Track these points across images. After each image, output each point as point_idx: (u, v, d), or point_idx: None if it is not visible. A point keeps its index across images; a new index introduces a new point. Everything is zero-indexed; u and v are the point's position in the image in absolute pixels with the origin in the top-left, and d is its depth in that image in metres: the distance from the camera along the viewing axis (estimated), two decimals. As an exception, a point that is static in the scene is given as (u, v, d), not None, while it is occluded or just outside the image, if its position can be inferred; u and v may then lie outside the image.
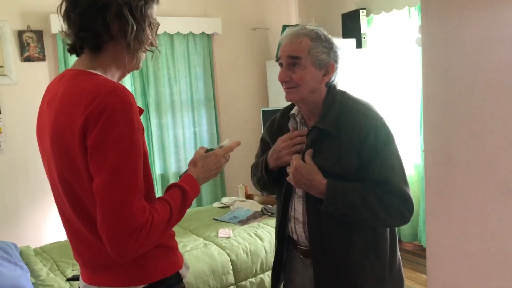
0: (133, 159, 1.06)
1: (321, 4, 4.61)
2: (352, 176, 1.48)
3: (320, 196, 1.48)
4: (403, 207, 1.46)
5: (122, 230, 1.03)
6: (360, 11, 4.05)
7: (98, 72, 1.16)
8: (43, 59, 3.67)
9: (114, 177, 1.03)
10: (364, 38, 4.09)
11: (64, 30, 1.20)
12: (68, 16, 1.16)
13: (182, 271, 1.29)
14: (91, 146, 1.04)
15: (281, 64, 1.56)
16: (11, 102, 3.57)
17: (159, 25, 1.24)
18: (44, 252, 3.00)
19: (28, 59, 3.60)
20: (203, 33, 4.35)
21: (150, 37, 1.21)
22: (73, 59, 3.66)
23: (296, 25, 1.61)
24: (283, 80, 1.54)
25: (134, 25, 1.14)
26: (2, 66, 3.50)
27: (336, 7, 4.38)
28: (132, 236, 1.04)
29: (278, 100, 4.44)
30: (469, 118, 0.85)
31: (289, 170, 1.53)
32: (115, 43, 1.16)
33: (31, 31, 3.60)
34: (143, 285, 1.20)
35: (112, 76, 1.20)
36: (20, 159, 3.61)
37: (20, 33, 3.56)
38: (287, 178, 1.55)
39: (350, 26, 4.14)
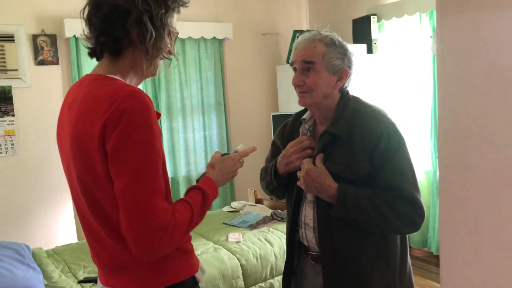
0: (153, 161, 1.08)
1: (332, 10, 4.61)
2: (363, 181, 1.48)
3: (331, 200, 1.49)
4: (413, 214, 1.46)
5: (146, 231, 1.06)
6: (371, 16, 4.05)
7: (117, 77, 1.19)
8: (57, 63, 3.71)
9: (136, 180, 1.05)
10: (375, 43, 4.09)
11: (85, 33, 1.22)
12: (90, 20, 1.19)
13: (197, 275, 1.30)
14: (111, 150, 1.06)
15: (295, 69, 1.57)
16: (25, 105, 3.61)
17: (178, 34, 1.27)
18: (56, 254, 3.02)
19: (42, 62, 3.65)
20: (214, 38, 4.38)
21: (169, 45, 1.23)
22: (85, 63, 3.73)
23: (311, 30, 1.62)
24: (296, 85, 1.55)
25: (153, 32, 1.16)
26: (16, 70, 3.55)
27: (347, 13, 4.39)
28: (157, 236, 1.06)
29: (289, 105, 4.45)
30: (484, 125, 0.85)
31: (300, 174, 1.53)
32: (134, 49, 1.19)
33: (45, 35, 3.65)
34: None
35: (130, 81, 1.23)
36: (33, 161, 3.65)
37: (34, 37, 3.61)
38: (298, 183, 1.55)
39: (361, 31, 4.14)
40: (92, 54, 1.24)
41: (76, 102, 1.17)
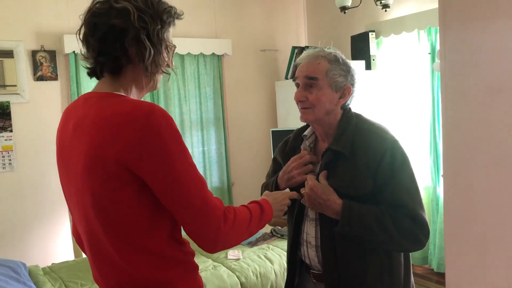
0: (191, 162, 1.14)
1: (331, 26, 4.65)
2: (367, 198, 1.47)
3: (335, 217, 1.47)
4: (419, 232, 1.45)
5: (212, 223, 1.14)
6: (370, 33, 4.08)
7: (122, 93, 1.19)
8: (56, 79, 3.72)
9: (187, 187, 1.11)
10: (374, 60, 4.11)
11: (83, 53, 1.22)
12: (87, 41, 1.19)
13: None
14: (150, 170, 1.09)
15: (297, 84, 1.56)
16: (23, 121, 3.60)
17: (175, 47, 1.27)
18: (52, 271, 2.98)
19: (41, 78, 3.65)
20: (213, 54, 4.40)
21: (167, 59, 1.24)
22: (84, 79, 3.74)
23: (314, 47, 1.62)
24: (299, 100, 1.55)
25: (151, 49, 1.16)
26: (15, 85, 3.55)
27: (345, 29, 4.42)
28: (221, 222, 1.15)
29: (288, 120, 4.45)
30: (489, 143, 0.84)
31: (303, 191, 1.52)
32: (134, 66, 1.19)
33: (44, 51, 3.65)
34: None
35: (133, 96, 1.23)
36: (31, 177, 3.63)
37: (33, 53, 3.61)
38: (302, 200, 1.54)
39: (360, 48, 4.16)
40: (91, 73, 1.23)
41: (86, 121, 1.15)
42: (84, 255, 3.61)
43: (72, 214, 1.27)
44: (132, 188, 1.10)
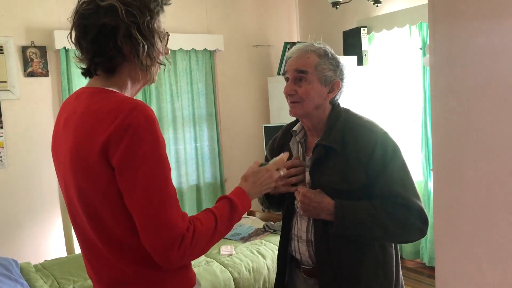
0: (163, 171, 1.08)
1: (322, 22, 4.65)
2: (360, 192, 1.48)
3: (330, 218, 1.48)
4: (416, 220, 1.45)
5: (164, 241, 1.07)
6: (361, 29, 4.09)
7: (115, 89, 1.18)
8: (46, 75, 3.69)
9: (148, 192, 1.06)
10: (365, 55, 4.12)
11: (77, 55, 1.21)
12: (80, 44, 1.17)
13: None
14: (118, 165, 1.06)
15: (287, 78, 1.57)
16: (14, 117, 3.57)
17: (168, 35, 1.25)
18: (44, 268, 2.97)
19: (31, 74, 3.62)
20: (205, 49, 4.38)
21: (161, 49, 1.23)
22: (75, 74, 3.71)
23: (303, 42, 1.63)
24: (288, 94, 1.55)
25: (144, 43, 1.15)
26: (5, 81, 3.51)
27: (337, 25, 4.42)
28: (175, 244, 1.07)
29: (280, 116, 4.45)
30: (478, 138, 0.85)
31: (297, 203, 1.53)
32: (129, 62, 1.18)
33: (35, 46, 3.62)
34: None
35: (128, 91, 1.22)
36: (22, 174, 3.60)
37: (24, 49, 3.58)
38: (298, 210, 1.55)
39: (351, 43, 4.17)
40: (86, 74, 1.22)
41: (74, 116, 1.15)
42: (76, 252, 3.60)
43: (67, 208, 1.27)
44: (116, 186, 1.09)
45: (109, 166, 1.07)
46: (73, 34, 1.19)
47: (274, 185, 1.42)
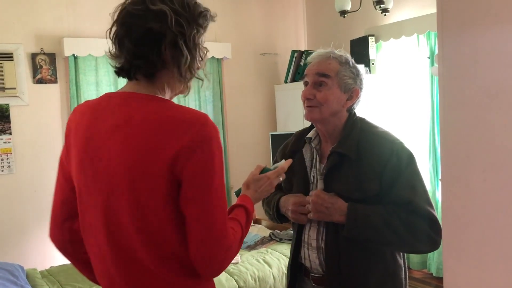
0: (223, 183, 1.13)
1: (330, 30, 4.65)
2: (372, 201, 1.46)
3: (342, 220, 1.46)
4: (429, 230, 1.42)
5: (220, 250, 1.10)
6: (369, 37, 4.09)
7: (160, 96, 1.17)
8: (55, 81, 3.72)
9: (215, 204, 1.09)
10: (373, 64, 4.11)
11: (111, 52, 1.17)
12: (121, 42, 1.13)
13: None
14: (190, 175, 1.07)
15: (306, 83, 1.57)
16: (22, 123, 3.60)
17: (208, 51, 1.24)
18: (50, 275, 2.98)
19: (40, 81, 3.65)
20: (213, 57, 4.40)
21: (200, 64, 1.21)
22: (84, 81, 3.73)
23: (306, 51, 1.63)
24: (306, 97, 1.54)
25: (188, 55, 1.14)
26: (14, 88, 3.55)
27: (345, 33, 4.42)
28: (228, 254, 1.12)
29: (287, 124, 4.44)
30: (487, 148, 0.84)
31: (308, 207, 1.51)
32: (168, 70, 1.15)
33: (44, 53, 3.66)
34: None
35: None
36: (29, 180, 3.62)
37: (33, 56, 3.62)
38: (308, 215, 1.52)
39: (359, 52, 4.17)
40: (120, 73, 1.18)
41: (131, 122, 1.11)
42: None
43: (83, 214, 1.20)
44: (175, 197, 1.09)
45: (174, 178, 1.07)
46: (113, 29, 1.15)
47: (272, 191, 1.43)
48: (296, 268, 1.65)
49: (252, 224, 3.80)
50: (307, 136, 1.65)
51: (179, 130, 1.06)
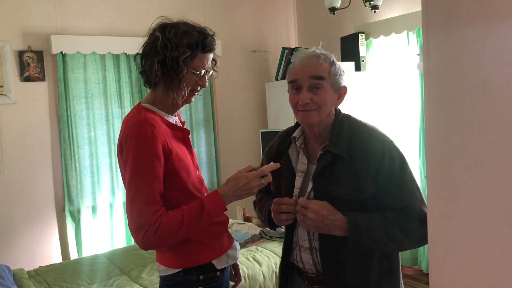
0: (143, 174, 1.40)
1: (320, 27, 4.65)
2: (369, 202, 1.44)
3: (343, 234, 1.43)
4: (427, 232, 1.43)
5: (132, 225, 1.40)
6: (359, 34, 4.09)
7: (149, 105, 1.54)
8: (43, 79, 3.67)
9: (129, 185, 1.41)
10: (363, 61, 4.11)
11: None
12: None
13: (217, 261, 1.56)
14: (124, 160, 1.44)
15: (296, 87, 1.50)
16: (10, 122, 3.55)
17: (207, 72, 1.56)
18: (38, 275, 2.94)
19: (27, 79, 3.61)
20: (203, 54, 4.37)
21: (193, 81, 1.52)
22: (72, 79, 3.71)
23: (305, 48, 1.60)
24: (305, 103, 1.47)
25: (171, 74, 1.47)
26: (1, 86, 3.50)
27: (335, 31, 4.42)
28: (140, 231, 1.37)
29: (277, 121, 4.44)
30: (471, 144, 0.84)
31: (298, 216, 1.48)
32: (163, 82, 1.50)
33: (31, 51, 3.61)
34: (179, 269, 1.52)
35: (167, 107, 1.55)
36: (17, 179, 3.58)
37: (20, 53, 3.57)
38: (302, 224, 1.49)
39: (349, 49, 4.16)
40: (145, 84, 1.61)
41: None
42: (72, 258, 3.56)
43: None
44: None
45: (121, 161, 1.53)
46: None
47: (254, 192, 1.50)
48: (287, 269, 1.64)
49: (242, 222, 3.79)
50: (292, 135, 1.61)
51: (123, 128, 1.48)
